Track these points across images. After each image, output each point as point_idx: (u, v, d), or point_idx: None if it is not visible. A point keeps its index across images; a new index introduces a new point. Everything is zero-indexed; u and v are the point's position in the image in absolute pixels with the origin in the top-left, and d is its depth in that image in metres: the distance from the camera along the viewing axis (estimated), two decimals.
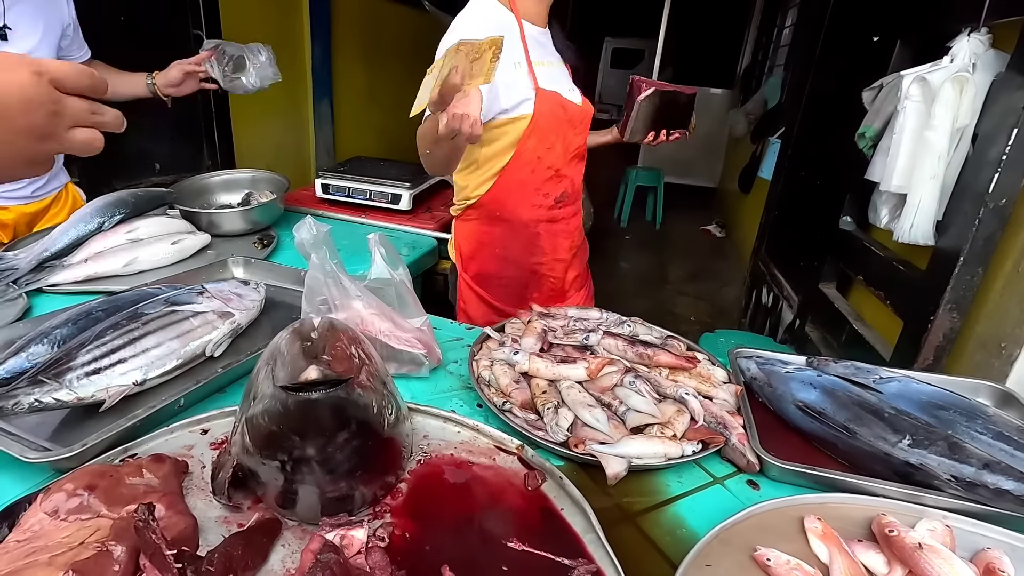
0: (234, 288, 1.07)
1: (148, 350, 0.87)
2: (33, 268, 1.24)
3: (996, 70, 1.32)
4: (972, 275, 1.29)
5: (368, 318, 0.90)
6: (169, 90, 1.58)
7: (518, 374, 0.93)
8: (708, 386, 0.94)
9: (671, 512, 0.75)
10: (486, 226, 1.49)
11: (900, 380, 0.93)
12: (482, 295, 1.55)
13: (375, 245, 0.94)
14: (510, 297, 1.53)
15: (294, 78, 3.22)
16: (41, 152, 0.53)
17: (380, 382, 0.69)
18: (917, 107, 1.41)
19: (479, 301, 1.55)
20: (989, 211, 1.24)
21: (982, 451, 0.76)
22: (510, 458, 0.79)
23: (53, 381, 0.78)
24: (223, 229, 1.56)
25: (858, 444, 0.82)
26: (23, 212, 1.49)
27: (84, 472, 0.64)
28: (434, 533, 0.66)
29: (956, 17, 1.45)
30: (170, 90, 1.58)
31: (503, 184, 1.42)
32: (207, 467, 0.73)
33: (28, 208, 1.50)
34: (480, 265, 1.53)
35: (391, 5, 3.86)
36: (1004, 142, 1.20)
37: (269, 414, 0.61)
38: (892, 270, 1.63)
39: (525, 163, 1.39)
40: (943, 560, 0.61)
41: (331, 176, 1.93)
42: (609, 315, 1.15)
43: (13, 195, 1.45)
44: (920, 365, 1.38)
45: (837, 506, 0.73)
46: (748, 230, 3.99)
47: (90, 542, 0.56)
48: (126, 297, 1.01)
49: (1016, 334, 1.21)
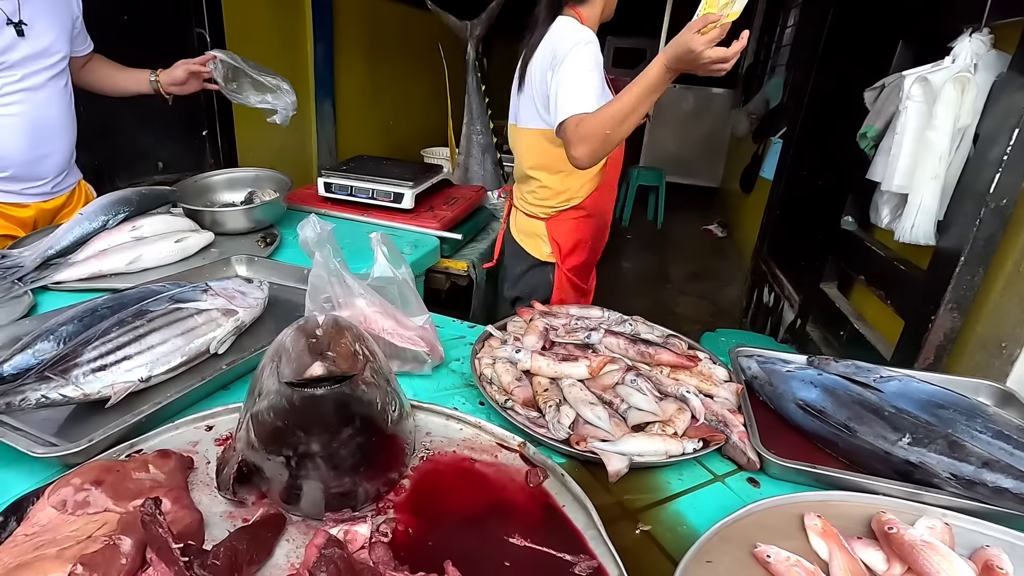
0: (238, 286, 1.08)
1: (153, 347, 0.88)
2: (38, 265, 1.25)
3: (997, 70, 1.32)
4: (973, 275, 1.30)
5: (371, 316, 0.91)
6: (172, 88, 1.60)
7: (520, 372, 0.94)
8: (709, 385, 0.95)
9: (672, 509, 0.76)
10: (583, 223, 1.65)
11: (900, 379, 0.93)
12: (576, 283, 1.73)
13: (377, 244, 0.95)
14: (588, 279, 1.80)
15: (296, 77, 3.22)
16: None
17: (384, 379, 0.69)
18: (919, 107, 1.41)
19: (573, 288, 1.73)
20: (990, 211, 1.25)
21: (981, 450, 0.77)
22: (512, 455, 0.79)
23: (59, 377, 0.78)
24: (226, 227, 1.57)
25: (858, 442, 0.82)
26: (43, 208, 1.51)
27: (91, 467, 0.65)
28: (437, 529, 0.67)
29: (958, 18, 1.45)
30: (173, 88, 1.60)
31: (603, 185, 1.62)
32: (212, 463, 0.74)
33: (47, 205, 1.52)
34: (577, 258, 1.70)
35: (393, 4, 3.86)
36: (1005, 142, 1.21)
37: (274, 410, 0.62)
38: (893, 270, 1.63)
39: (614, 165, 1.62)
40: (942, 557, 0.62)
41: (333, 175, 1.94)
42: (611, 314, 1.15)
43: (33, 192, 1.47)
44: (921, 364, 1.38)
45: (837, 504, 0.74)
46: (750, 230, 3.99)
47: (97, 536, 0.57)
48: (131, 295, 1.02)
49: (1016, 334, 1.21)
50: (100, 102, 1.67)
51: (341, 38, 3.41)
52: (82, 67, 1.58)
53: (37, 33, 1.35)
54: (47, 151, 1.44)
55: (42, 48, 1.37)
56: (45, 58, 1.38)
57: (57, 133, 1.46)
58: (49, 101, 1.42)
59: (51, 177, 1.48)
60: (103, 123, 2.10)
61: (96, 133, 2.09)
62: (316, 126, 3.43)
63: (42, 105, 1.40)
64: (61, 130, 1.47)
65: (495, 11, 2.41)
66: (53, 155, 1.46)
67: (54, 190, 1.52)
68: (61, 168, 1.51)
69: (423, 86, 4.27)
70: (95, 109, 2.04)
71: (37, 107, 1.39)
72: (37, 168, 1.44)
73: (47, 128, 1.43)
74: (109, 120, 2.11)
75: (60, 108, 1.46)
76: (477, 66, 2.45)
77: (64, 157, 1.50)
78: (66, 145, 1.50)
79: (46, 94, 1.41)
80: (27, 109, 1.37)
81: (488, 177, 2.52)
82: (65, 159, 1.51)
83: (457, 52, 2.48)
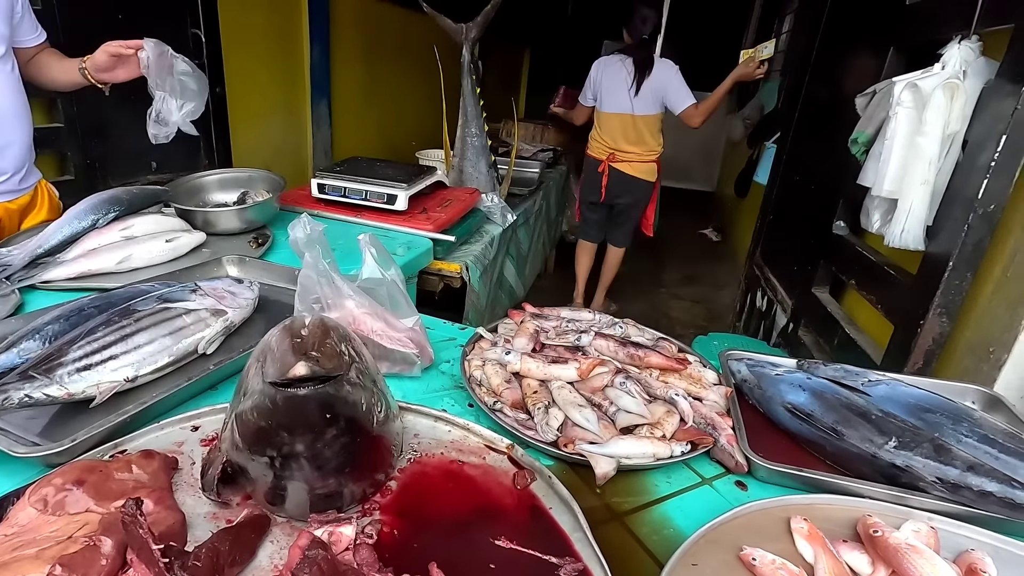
0: (228, 286, 1.07)
1: (140, 347, 0.87)
2: (26, 264, 1.24)
3: (986, 77, 1.34)
4: (961, 280, 1.31)
5: (360, 317, 0.91)
6: (100, 75, 1.43)
7: (509, 374, 0.94)
8: (698, 387, 0.95)
9: (659, 512, 0.76)
10: (660, 163, 3.46)
11: (888, 383, 0.94)
12: (655, 194, 3.60)
13: (366, 246, 0.94)
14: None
15: (292, 78, 3.22)
16: None
17: (370, 380, 0.69)
18: (909, 113, 1.42)
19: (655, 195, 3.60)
20: (978, 217, 1.26)
21: (967, 454, 0.77)
22: (500, 457, 0.79)
23: (44, 377, 0.78)
24: (218, 227, 1.56)
25: (845, 446, 0.83)
26: (8, 209, 1.43)
27: (73, 467, 0.64)
28: (423, 531, 0.67)
29: (947, 25, 1.47)
30: (101, 75, 1.43)
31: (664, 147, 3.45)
32: (197, 463, 0.73)
33: (13, 204, 1.44)
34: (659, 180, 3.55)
35: (390, 6, 3.87)
36: (993, 148, 1.22)
37: (258, 410, 0.62)
38: (883, 274, 1.64)
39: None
40: (925, 561, 0.62)
41: (327, 176, 1.93)
42: (601, 316, 1.15)
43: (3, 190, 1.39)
44: (910, 369, 1.39)
45: (824, 507, 0.74)
46: (744, 234, 4.01)
47: (78, 536, 0.56)
48: (119, 294, 1.01)
49: (1004, 339, 1.22)
50: (93, 101, 1.62)
51: (337, 39, 3.41)
52: (30, 59, 1.45)
53: None
54: (3, 141, 1.35)
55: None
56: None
57: (11, 121, 1.36)
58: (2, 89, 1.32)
59: (11, 172, 1.39)
60: (96, 123, 2.09)
61: (89, 132, 2.09)
62: (312, 127, 3.43)
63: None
64: (15, 119, 1.37)
65: (490, 14, 2.42)
66: (11, 146, 1.37)
67: (20, 187, 1.43)
68: (22, 161, 1.41)
69: (419, 88, 4.27)
70: (88, 108, 2.04)
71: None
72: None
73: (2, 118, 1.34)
74: (102, 120, 2.10)
75: (8, 95, 1.35)
76: (472, 69, 2.45)
77: (23, 149, 1.40)
78: (23, 134, 1.40)
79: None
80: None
81: (482, 179, 2.52)
82: (24, 151, 1.41)
83: (453, 55, 2.48)
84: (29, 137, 1.43)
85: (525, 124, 4.29)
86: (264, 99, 3.05)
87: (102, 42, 1.48)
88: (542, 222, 3.41)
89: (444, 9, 2.48)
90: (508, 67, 6.94)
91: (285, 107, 3.23)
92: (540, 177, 3.27)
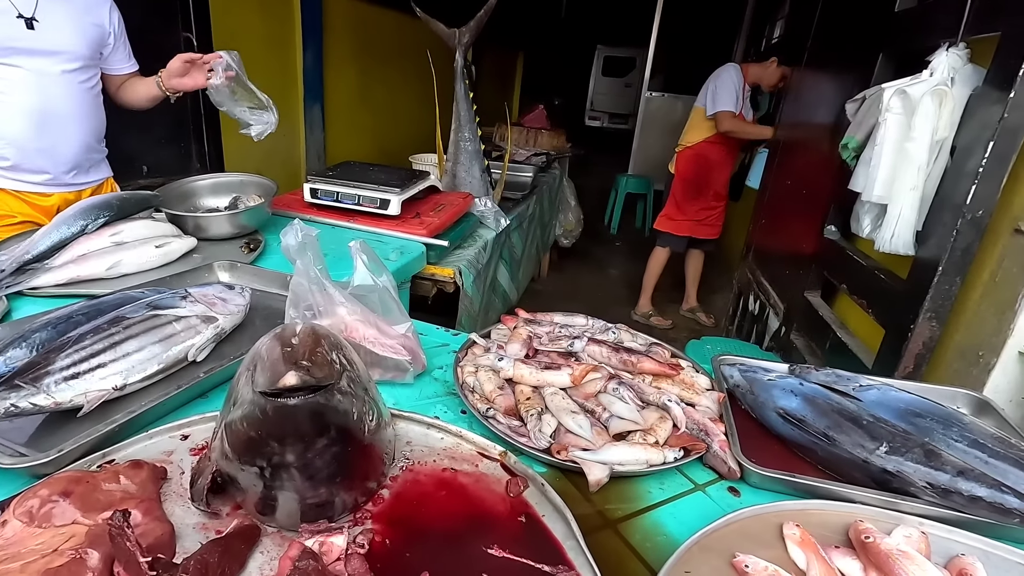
0: (219, 292, 1.06)
1: (129, 355, 0.86)
2: (14, 271, 1.23)
3: (974, 84, 1.35)
4: (950, 284, 1.32)
5: (352, 324, 0.90)
6: (173, 82, 1.60)
7: (502, 380, 0.93)
8: (691, 393, 0.95)
9: (652, 519, 0.76)
10: None
11: (879, 388, 0.94)
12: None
13: (357, 252, 0.94)
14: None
15: (285, 83, 3.21)
16: None
17: (362, 388, 0.68)
18: (898, 119, 1.43)
19: None
20: (967, 222, 1.27)
21: (957, 458, 0.78)
22: (493, 464, 0.79)
23: (30, 385, 0.77)
24: (209, 233, 1.55)
25: (837, 451, 0.83)
26: (66, 199, 1.56)
27: (60, 478, 0.64)
28: (415, 539, 0.66)
29: (935, 33, 1.48)
30: (173, 82, 1.60)
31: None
32: (186, 473, 0.72)
33: (71, 195, 1.58)
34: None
35: (382, 11, 3.87)
36: (981, 154, 1.23)
37: (248, 419, 0.61)
38: (874, 279, 1.65)
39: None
40: (917, 566, 0.62)
41: (319, 181, 1.92)
42: (595, 322, 1.15)
43: (54, 182, 1.54)
44: (901, 373, 1.40)
45: (816, 513, 0.74)
46: (737, 238, 4.03)
47: (64, 549, 0.55)
48: (108, 301, 1.00)
49: (993, 343, 1.23)
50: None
51: (330, 43, 3.41)
52: (120, 86, 1.67)
53: (47, 28, 1.42)
54: (56, 140, 1.50)
55: (53, 44, 1.44)
56: (56, 55, 1.45)
57: (67, 125, 1.52)
58: (62, 95, 1.48)
59: (67, 168, 1.55)
60: None
61: None
62: (305, 131, 3.42)
63: (52, 98, 1.47)
64: (74, 121, 1.53)
65: (483, 19, 2.42)
66: (60, 146, 1.52)
67: (75, 181, 1.59)
68: (77, 160, 1.57)
69: (412, 92, 4.27)
70: None
71: (47, 99, 1.46)
72: (45, 158, 1.50)
73: (55, 119, 1.49)
74: None
75: (72, 100, 1.51)
76: (465, 73, 2.45)
77: (78, 149, 1.56)
78: (80, 137, 1.56)
79: (59, 88, 1.47)
80: (33, 99, 1.44)
81: (475, 184, 2.51)
82: (80, 151, 1.57)
83: (446, 59, 2.48)
84: (89, 139, 1.60)
85: (519, 128, 4.29)
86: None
87: None
88: (536, 226, 3.42)
89: (437, 14, 2.48)
90: (502, 71, 6.96)
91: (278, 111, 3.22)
92: (534, 181, 3.27)
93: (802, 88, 2.67)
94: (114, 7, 1.58)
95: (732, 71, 3.26)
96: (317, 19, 3.26)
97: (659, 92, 6.56)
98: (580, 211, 4.46)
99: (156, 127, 2.39)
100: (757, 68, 3.27)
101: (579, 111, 9.60)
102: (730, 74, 3.25)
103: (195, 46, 2.48)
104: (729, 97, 3.22)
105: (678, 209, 3.65)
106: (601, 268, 5.06)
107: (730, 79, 3.23)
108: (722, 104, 3.23)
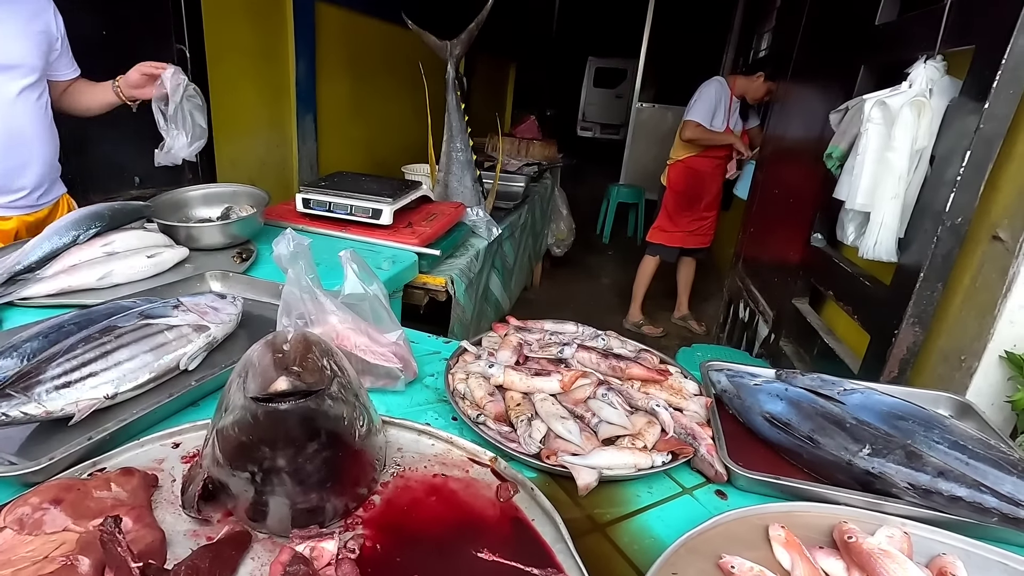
0: (210, 301, 1.07)
1: (120, 363, 0.86)
2: (5, 281, 1.22)
3: (951, 95, 1.39)
4: (932, 290, 1.34)
5: (344, 332, 0.91)
6: (131, 92, 1.57)
7: (493, 387, 0.94)
8: (679, 398, 0.96)
9: (640, 522, 0.77)
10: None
11: (863, 392, 0.96)
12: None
13: (347, 262, 0.95)
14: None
15: (278, 93, 3.23)
16: None
17: (352, 394, 0.69)
18: (879, 129, 1.47)
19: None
20: (947, 229, 1.30)
21: (938, 459, 0.79)
22: (483, 470, 0.80)
23: (21, 395, 0.77)
24: (201, 243, 1.55)
25: (821, 454, 0.85)
26: (25, 221, 1.52)
27: (50, 486, 0.64)
28: (405, 545, 0.67)
29: (913, 45, 1.52)
30: (133, 92, 1.57)
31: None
32: (178, 481, 0.73)
33: (30, 217, 1.53)
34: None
35: (375, 22, 3.91)
36: (959, 163, 1.26)
37: (239, 425, 0.62)
38: (859, 286, 1.68)
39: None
40: (898, 565, 0.63)
41: (312, 191, 1.93)
42: (585, 329, 1.17)
43: (15, 204, 1.49)
44: (886, 377, 1.42)
45: (801, 514, 0.75)
46: (727, 247, 4.07)
47: (55, 556, 0.56)
48: (99, 310, 1.00)
49: (975, 347, 1.26)
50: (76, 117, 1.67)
51: (323, 55, 3.43)
52: (63, 91, 1.61)
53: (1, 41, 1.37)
54: (22, 161, 1.46)
55: (4, 58, 1.38)
56: (10, 69, 1.40)
57: (33, 144, 1.48)
58: (22, 112, 1.44)
59: (30, 189, 1.50)
60: (78, 138, 2.07)
61: (71, 148, 2.05)
62: (297, 142, 3.43)
63: (15, 116, 1.42)
64: (38, 141, 1.49)
65: (475, 32, 2.45)
66: (30, 165, 1.48)
67: (38, 202, 1.54)
68: (41, 180, 1.52)
69: (404, 103, 4.30)
70: (70, 123, 2.02)
71: (9, 118, 1.42)
72: (14, 179, 1.46)
73: (21, 138, 1.45)
74: (84, 135, 2.08)
75: (34, 119, 1.47)
76: (457, 84, 2.48)
77: (43, 169, 1.52)
78: (44, 156, 1.52)
79: (20, 106, 1.43)
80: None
81: (467, 194, 2.53)
82: (44, 171, 1.53)
83: (438, 70, 2.51)
84: (51, 159, 1.56)
85: (510, 139, 4.33)
86: (249, 114, 3.05)
87: (87, 57, 1.62)
88: (527, 236, 3.44)
89: (429, 26, 2.51)
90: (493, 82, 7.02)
91: (270, 122, 3.24)
92: (525, 191, 3.30)
93: (788, 99, 2.72)
94: (56, 11, 1.51)
95: (716, 84, 3.31)
96: (310, 31, 3.28)
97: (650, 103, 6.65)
98: (572, 220, 4.49)
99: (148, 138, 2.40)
100: (744, 81, 3.31)
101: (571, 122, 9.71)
102: (712, 88, 3.29)
103: (188, 58, 2.49)
104: (702, 110, 3.29)
105: (670, 221, 3.68)
106: (593, 277, 5.09)
107: (711, 93, 3.28)
108: (692, 115, 3.30)
